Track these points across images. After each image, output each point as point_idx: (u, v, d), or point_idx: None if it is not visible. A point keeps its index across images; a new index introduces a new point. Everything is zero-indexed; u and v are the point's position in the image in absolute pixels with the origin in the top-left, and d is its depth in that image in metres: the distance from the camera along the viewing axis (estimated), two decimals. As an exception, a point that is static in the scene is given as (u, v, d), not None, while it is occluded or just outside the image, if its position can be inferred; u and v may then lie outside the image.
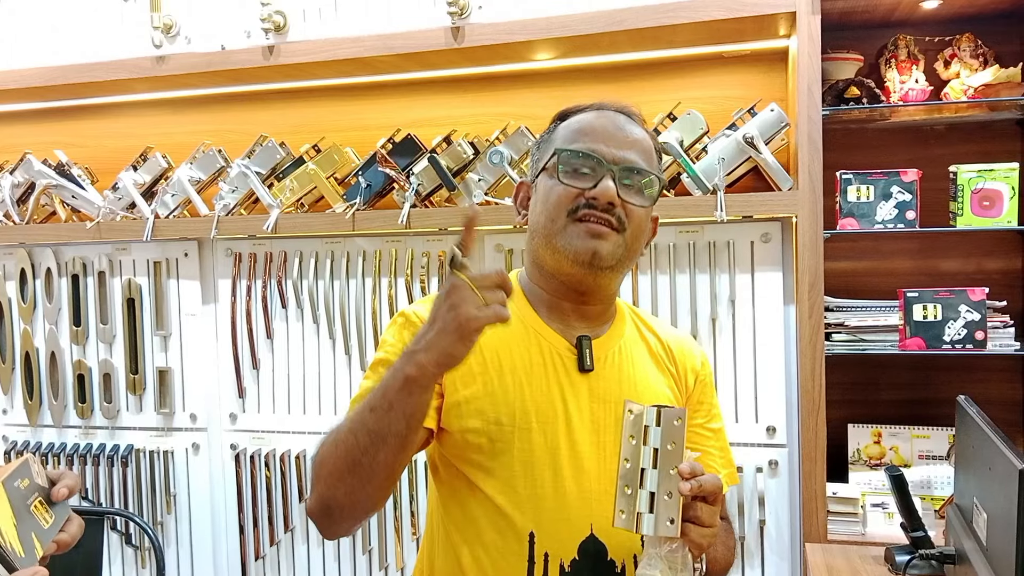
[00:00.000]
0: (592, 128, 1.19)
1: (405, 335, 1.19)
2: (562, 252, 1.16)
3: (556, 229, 1.16)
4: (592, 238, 1.14)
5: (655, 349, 1.29)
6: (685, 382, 1.30)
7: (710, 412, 1.32)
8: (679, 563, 1.02)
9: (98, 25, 2.41)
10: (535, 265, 1.24)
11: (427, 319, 1.00)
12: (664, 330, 1.33)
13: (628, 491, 1.04)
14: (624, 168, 1.16)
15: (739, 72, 2.21)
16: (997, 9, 2.03)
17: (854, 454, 2.12)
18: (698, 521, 1.01)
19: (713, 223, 2.06)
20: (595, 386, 1.20)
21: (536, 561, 1.13)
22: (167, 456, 2.52)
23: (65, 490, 1.00)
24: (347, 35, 2.19)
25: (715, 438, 1.32)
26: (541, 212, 1.19)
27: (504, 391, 1.16)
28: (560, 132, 1.23)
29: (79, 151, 2.67)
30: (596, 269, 1.16)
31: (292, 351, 2.42)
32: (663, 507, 1.01)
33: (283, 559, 2.46)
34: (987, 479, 1.28)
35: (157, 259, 2.50)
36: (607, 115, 1.21)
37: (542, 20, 2.04)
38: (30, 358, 2.63)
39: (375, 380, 1.12)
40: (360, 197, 2.24)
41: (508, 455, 1.15)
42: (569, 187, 1.16)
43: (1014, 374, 2.15)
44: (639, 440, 1.05)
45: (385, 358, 1.18)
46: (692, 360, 1.32)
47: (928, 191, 1.98)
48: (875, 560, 1.75)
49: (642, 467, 1.03)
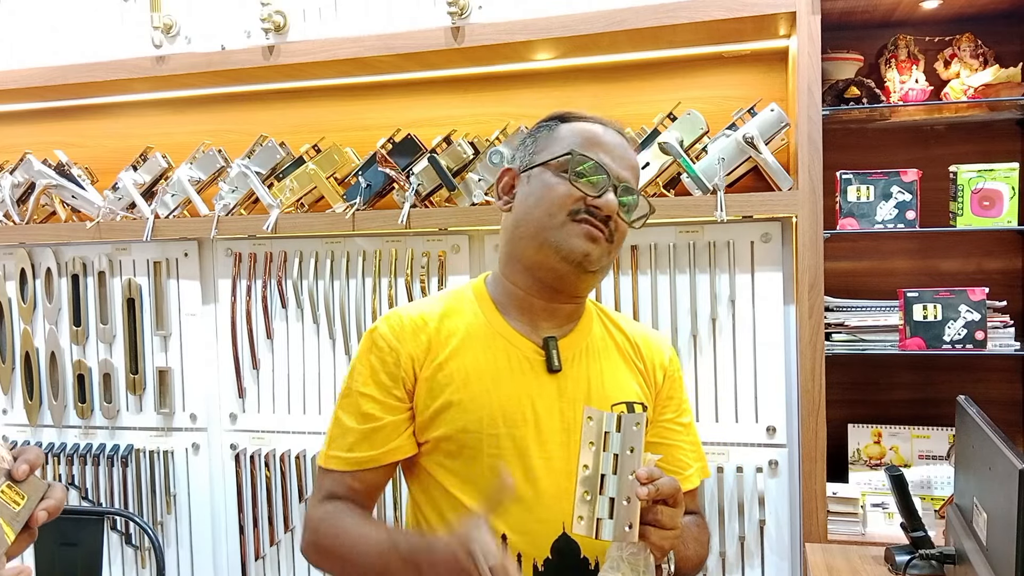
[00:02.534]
0: (603, 142, 1.23)
1: (373, 360, 1.22)
2: (553, 248, 1.18)
3: (553, 225, 1.18)
4: (588, 240, 1.18)
5: (623, 346, 1.30)
6: (654, 378, 1.31)
7: (680, 407, 1.34)
8: (641, 565, 1.03)
9: (98, 25, 2.41)
10: (512, 257, 1.25)
11: (437, 554, 1.05)
12: (631, 327, 1.35)
13: (588, 497, 1.05)
14: (625, 187, 1.21)
15: (739, 72, 2.21)
16: (997, 9, 2.03)
17: (854, 454, 2.12)
18: (659, 524, 1.03)
19: (713, 223, 2.06)
20: (564, 386, 1.21)
21: None
22: (167, 456, 2.52)
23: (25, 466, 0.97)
24: (347, 35, 2.19)
25: (685, 432, 1.33)
26: (536, 205, 1.21)
27: (471, 398, 1.18)
28: (566, 134, 1.24)
29: (79, 151, 2.67)
30: (583, 270, 1.19)
31: (292, 351, 2.42)
32: (622, 512, 1.02)
33: (283, 559, 2.46)
34: (987, 479, 1.28)
35: (157, 259, 2.50)
36: (612, 133, 1.25)
37: (542, 20, 2.04)
38: (30, 358, 2.63)
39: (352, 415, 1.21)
40: (360, 197, 2.24)
41: (478, 460, 1.17)
42: (576, 189, 1.18)
43: (1014, 374, 2.15)
44: (599, 446, 1.06)
45: (357, 389, 1.22)
46: (660, 356, 1.33)
47: (928, 191, 1.98)
48: (875, 560, 1.75)
49: (602, 473, 1.04)
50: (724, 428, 2.10)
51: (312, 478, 2.41)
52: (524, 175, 1.25)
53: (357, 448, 1.20)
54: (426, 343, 1.21)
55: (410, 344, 1.21)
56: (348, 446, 1.20)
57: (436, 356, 1.21)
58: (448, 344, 1.21)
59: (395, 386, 1.20)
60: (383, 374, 1.21)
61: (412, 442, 1.21)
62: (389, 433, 1.20)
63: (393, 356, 1.21)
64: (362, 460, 1.19)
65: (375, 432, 1.19)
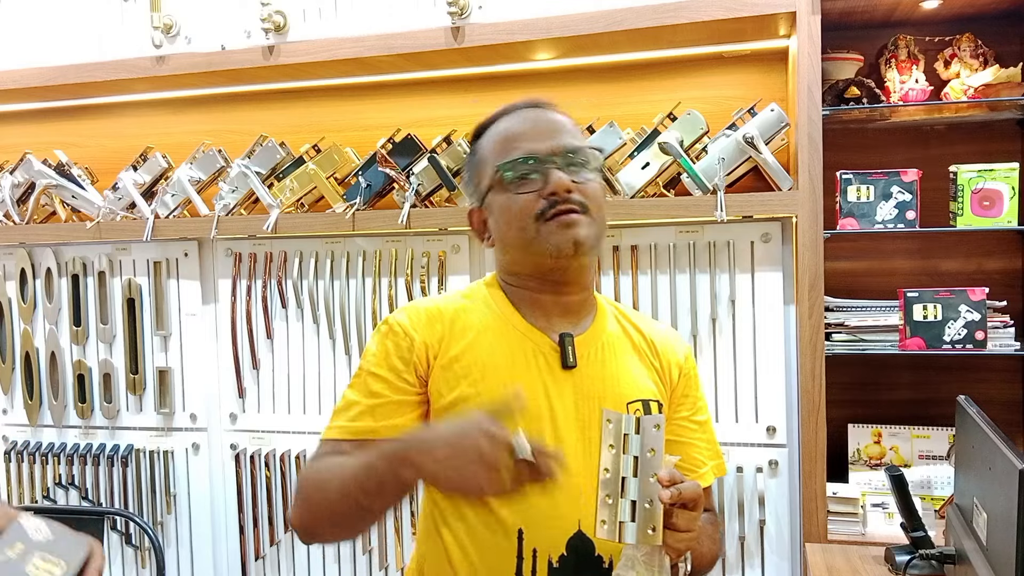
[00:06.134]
0: (517, 132, 1.21)
1: (388, 344, 1.22)
2: (543, 253, 1.18)
3: (530, 236, 1.18)
4: (568, 228, 1.16)
5: (638, 344, 1.30)
6: (669, 376, 1.30)
7: (695, 405, 1.33)
8: (656, 565, 1.03)
9: (98, 25, 2.41)
10: (511, 274, 1.26)
11: (450, 434, 0.99)
12: (647, 324, 1.34)
13: (609, 501, 1.04)
14: (565, 154, 1.19)
15: (739, 72, 2.21)
16: (997, 9, 2.03)
17: (854, 454, 2.12)
18: (676, 528, 1.02)
19: (713, 223, 2.06)
20: (579, 383, 1.21)
21: (525, 557, 1.15)
22: (167, 456, 2.52)
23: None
24: (347, 35, 2.19)
25: (701, 430, 1.33)
26: (508, 228, 1.21)
27: (488, 392, 1.18)
28: (486, 151, 1.24)
29: (79, 151, 2.67)
30: (581, 255, 1.18)
31: (292, 351, 2.42)
32: (644, 516, 1.02)
33: (283, 559, 2.46)
34: (987, 479, 1.28)
35: (157, 259, 2.50)
36: (522, 114, 1.24)
37: (542, 20, 2.04)
38: (30, 358, 2.63)
39: (360, 392, 1.20)
40: (360, 197, 2.24)
41: None
42: (526, 194, 1.18)
43: (1014, 374, 2.15)
44: (619, 449, 1.05)
45: (368, 369, 1.22)
46: (676, 354, 1.32)
47: (928, 191, 1.98)
48: (875, 560, 1.75)
49: (623, 476, 1.04)
50: (724, 428, 2.10)
51: (312, 478, 2.41)
52: (484, 207, 1.26)
53: (359, 419, 1.19)
54: (440, 332, 1.21)
55: (425, 332, 1.21)
56: (350, 417, 1.19)
57: (452, 347, 1.20)
58: (465, 336, 1.21)
59: (407, 370, 1.20)
60: (396, 358, 1.21)
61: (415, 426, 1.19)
62: (393, 410, 1.19)
63: (407, 342, 1.21)
64: (361, 429, 1.18)
65: (379, 406, 1.19)
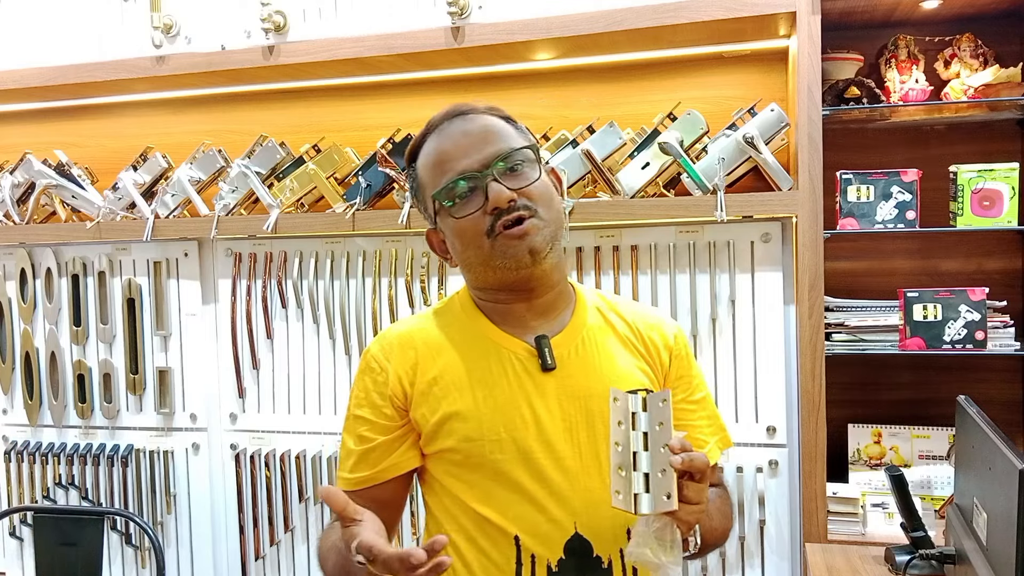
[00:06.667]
0: (442, 153, 1.19)
1: (367, 381, 1.24)
2: (502, 268, 1.16)
3: (485, 254, 1.17)
4: (520, 240, 1.14)
5: (623, 333, 1.27)
6: (659, 361, 1.27)
7: (691, 384, 1.30)
8: (668, 540, 1.03)
9: (98, 25, 2.41)
10: (479, 289, 1.25)
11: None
12: (631, 311, 1.31)
13: (622, 473, 1.04)
14: (496, 164, 1.16)
15: (739, 72, 2.21)
16: (997, 9, 2.03)
17: (854, 454, 2.12)
18: (685, 500, 1.02)
19: (713, 223, 2.06)
20: (562, 383, 1.20)
21: (523, 563, 1.15)
22: (167, 456, 2.52)
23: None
24: (347, 35, 2.19)
25: (700, 408, 1.30)
26: (463, 248, 1.20)
27: (469, 407, 1.18)
28: (423, 175, 1.23)
29: (79, 151, 2.67)
30: (538, 262, 1.16)
31: (292, 351, 2.42)
32: (658, 484, 1.02)
33: (283, 559, 2.46)
34: (987, 479, 1.28)
35: (157, 259, 2.50)
36: (446, 130, 1.20)
37: (542, 20, 2.04)
38: (30, 358, 2.63)
39: (352, 438, 1.24)
40: (360, 197, 2.24)
41: (483, 467, 1.17)
42: (471, 215, 1.16)
43: (1014, 374, 2.15)
44: (627, 425, 1.05)
45: (353, 412, 1.25)
46: (664, 337, 1.29)
47: (928, 191, 1.98)
48: (875, 560, 1.75)
49: (634, 451, 1.04)
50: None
51: (311, 477, 2.41)
52: (439, 230, 1.25)
53: (356, 469, 1.22)
54: (414, 358, 1.22)
55: (397, 362, 1.22)
56: (349, 467, 1.23)
57: (428, 370, 1.21)
58: (440, 356, 1.22)
59: (385, 405, 1.21)
60: (375, 394, 1.23)
61: (410, 457, 1.22)
62: (382, 453, 1.21)
63: (383, 376, 1.22)
64: (361, 480, 1.22)
65: (370, 452, 1.22)
